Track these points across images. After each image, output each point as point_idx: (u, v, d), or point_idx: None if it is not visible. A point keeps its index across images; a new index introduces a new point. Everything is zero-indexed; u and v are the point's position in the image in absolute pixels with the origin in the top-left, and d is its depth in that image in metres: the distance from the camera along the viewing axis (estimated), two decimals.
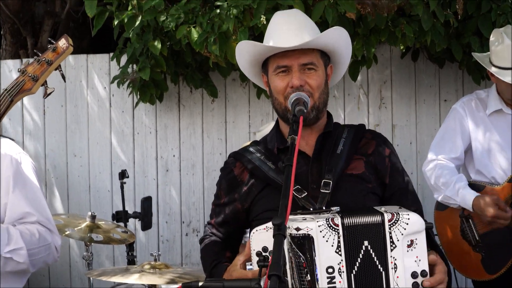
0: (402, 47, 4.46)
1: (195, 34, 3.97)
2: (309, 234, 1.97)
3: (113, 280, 3.22)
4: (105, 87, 5.46)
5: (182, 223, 5.42)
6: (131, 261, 4.50)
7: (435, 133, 5.03)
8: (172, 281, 3.14)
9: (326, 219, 1.98)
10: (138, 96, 4.90)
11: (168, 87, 5.04)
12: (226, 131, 5.36)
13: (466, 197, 3.50)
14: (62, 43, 2.16)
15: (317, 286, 1.99)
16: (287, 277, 2.03)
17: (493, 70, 3.53)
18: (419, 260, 1.97)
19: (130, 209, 5.19)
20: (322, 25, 3.74)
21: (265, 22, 3.69)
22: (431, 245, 2.12)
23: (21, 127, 5.52)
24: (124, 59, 4.87)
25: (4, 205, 2.46)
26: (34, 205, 2.54)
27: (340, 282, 1.97)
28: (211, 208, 2.58)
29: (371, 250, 1.98)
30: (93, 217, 3.97)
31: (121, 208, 4.60)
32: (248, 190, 2.41)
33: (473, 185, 3.65)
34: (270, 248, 2.01)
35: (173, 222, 5.42)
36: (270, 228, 2.01)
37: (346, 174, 2.31)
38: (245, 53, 2.41)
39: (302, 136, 2.32)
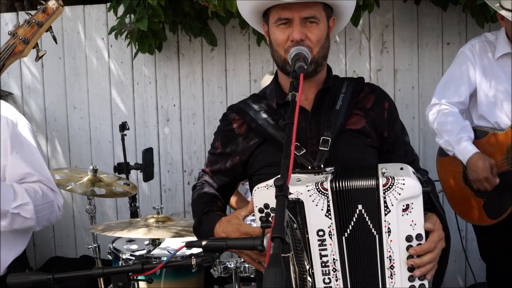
0: None
1: None
2: (299, 199, 1.96)
3: (117, 235, 3.23)
4: (103, 38, 5.39)
5: (184, 172, 5.43)
6: (134, 212, 4.53)
7: (437, 77, 5.02)
8: (177, 234, 3.15)
9: (316, 183, 1.96)
10: (137, 47, 4.83)
11: (166, 36, 4.97)
12: (227, 79, 5.31)
13: (466, 150, 3.50)
14: (52, 3, 2.10)
15: (309, 249, 2.00)
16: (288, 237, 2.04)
17: (503, 13, 3.45)
18: (415, 224, 1.95)
19: (131, 160, 5.20)
20: None
21: None
22: (433, 210, 2.09)
23: (20, 81, 5.47)
24: (121, 9, 4.78)
25: (3, 167, 2.45)
26: (34, 165, 2.53)
27: (331, 244, 1.97)
28: (207, 156, 2.57)
29: (365, 214, 1.96)
30: (94, 170, 3.97)
31: (122, 160, 4.59)
32: (246, 144, 2.40)
33: (475, 131, 3.64)
34: (272, 205, 2.03)
35: (174, 172, 5.43)
36: (271, 186, 2.04)
37: (346, 129, 2.29)
38: (246, 2, 2.35)
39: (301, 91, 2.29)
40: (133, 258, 3.69)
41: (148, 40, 4.73)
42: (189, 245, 2.12)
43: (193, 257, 2.07)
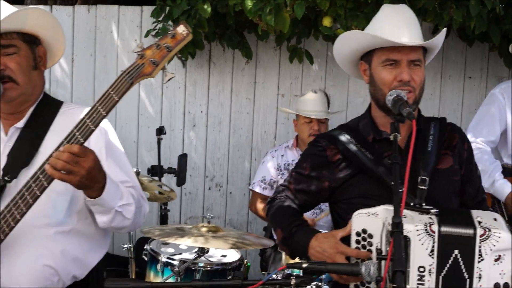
0: (440, 27, 4.57)
1: (249, 3, 4.04)
2: (406, 236, 2.14)
3: (171, 241, 3.35)
4: (136, 40, 5.49)
5: (205, 178, 5.57)
6: (164, 215, 4.65)
7: (457, 108, 5.28)
8: (235, 246, 3.29)
9: (425, 224, 2.15)
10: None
11: (204, 45, 5.11)
12: (255, 91, 5.48)
13: (503, 189, 3.76)
14: (181, 29, 2.21)
15: (408, 282, 2.18)
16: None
17: None
18: (504, 274, 2.14)
19: (152, 161, 5.33)
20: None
21: None
22: None
23: (49, 74, 5.53)
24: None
25: None
26: (127, 172, 2.63)
27: (429, 281, 2.16)
28: (290, 174, 2.72)
29: (460, 259, 2.14)
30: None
31: (146, 160, 4.70)
32: (339, 172, 2.56)
33: (505, 168, 3.89)
34: (369, 231, 2.23)
35: (196, 176, 5.57)
36: (372, 214, 2.23)
37: (437, 169, 2.48)
38: (352, 40, 2.53)
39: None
40: (172, 261, 3.82)
41: (187, 48, 4.86)
42: (291, 265, 2.29)
43: (292, 277, 2.23)
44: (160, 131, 4.70)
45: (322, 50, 5.41)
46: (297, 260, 3.19)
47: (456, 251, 2.16)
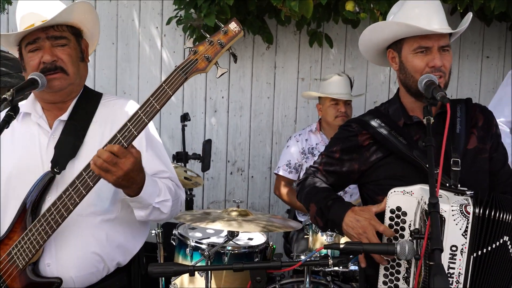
0: (460, 9, 4.61)
1: None
2: (441, 215, 2.22)
3: (205, 226, 3.44)
4: (157, 27, 5.55)
5: (227, 162, 5.65)
6: (190, 200, 4.74)
7: (475, 88, 5.32)
8: (265, 229, 3.38)
9: (460, 205, 2.23)
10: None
11: None
12: (275, 75, 5.54)
13: None
14: (233, 26, 2.28)
15: None
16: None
17: None
18: None
19: (177, 148, 5.41)
20: None
21: None
22: None
23: None
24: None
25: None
26: (165, 162, 2.71)
27: (460, 260, 2.24)
28: (321, 156, 2.82)
29: (509, 245, 2.26)
30: None
31: (167, 146, 4.74)
32: (368, 155, 2.65)
33: None
34: (403, 209, 2.35)
35: (218, 161, 5.66)
36: (407, 192, 2.34)
37: (466, 150, 2.56)
38: (385, 30, 2.59)
39: (419, 112, 2.58)
40: (201, 245, 3.91)
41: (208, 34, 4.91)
42: (327, 247, 2.37)
43: (329, 257, 2.31)
44: (185, 117, 4.77)
45: (341, 33, 5.46)
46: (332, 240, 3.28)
47: (506, 237, 2.26)
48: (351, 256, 2.35)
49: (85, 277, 2.50)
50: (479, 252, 2.25)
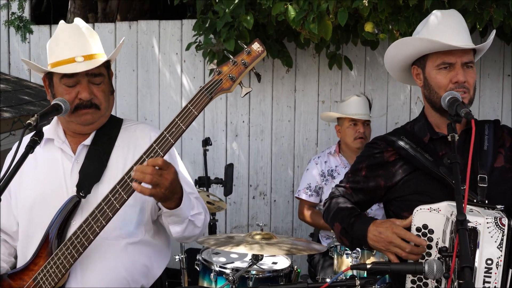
0: (479, 27, 4.60)
1: (292, 12, 4.10)
2: (475, 228, 2.19)
3: (229, 250, 3.42)
4: (176, 53, 5.60)
5: (249, 186, 5.65)
6: (213, 225, 4.72)
7: (497, 107, 5.28)
8: (289, 252, 3.35)
9: (495, 217, 2.19)
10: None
11: None
12: (295, 99, 5.54)
13: None
14: (256, 46, 2.30)
15: (474, 273, 2.22)
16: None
17: None
18: None
19: (198, 172, 5.42)
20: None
21: (366, 4, 3.83)
22: None
23: None
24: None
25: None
26: (189, 184, 2.72)
27: (495, 273, 2.21)
28: (347, 174, 2.82)
29: None
30: None
31: (189, 171, 4.73)
32: (394, 171, 2.64)
33: None
34: (430, 227, 2.32)
35: (240, 185, 5.65)
36: (434, 210, 2.31)
37: (494, 167, 2.53)
38: (409, 45, 2.60)
39: (444, 128, 2.56)
40: (225, 269, 3.88)
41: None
42: (354, 267, 2.34)
43: (357, 279, 2.28)
44: (206, 142, 4.78)
45: (360, 55, 5.47)
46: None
47: None
48: (378, 277, 2.32)
49: None
50: None
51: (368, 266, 2.25)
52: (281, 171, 5.64)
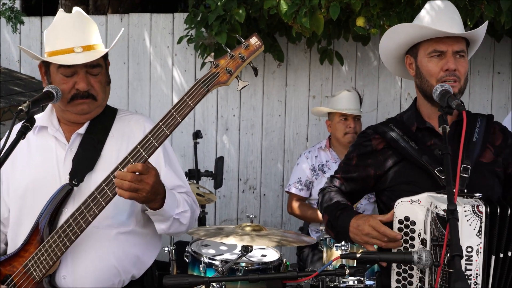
0: (470, 23, 4.63)
1: (284, 6, 4.12)
2: None
3: (219, 241, 3.43)
4: (168, 46, 5.60)
5: (239, 180, 5.66)
6: (202, 218, 4.74)
7: (487, 104, 5.31)
8: (279, 244, 3.37)
9: (472, 205, 2.22)
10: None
11: None
12: (286, 93, 5.56)
13: None
14: (254, 41, 2.30)
15: None
16: (426, 246, 2.28)
17: None
18: None
19: (187, 165, 5.42)
20: None
21: None
22: None
23: None
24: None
25: None
26: (181, 177, 2.73)
27: (476, 260, 2.22)
28: (340, 164, 2.85)
29: None
30: None
31: (181, 165, 4.73)
32: (383, 160, 2.66)
33: None
34: (412, 218, 2.34)
35: (230, 179, 5.66)
36: (414, 201, 2.33)
37: (479, 161, 2.56)
38: (400, 33, 2.61)
39: (435, 118, 2.57)
40: (214, 261, 3.89)
41: (221, 53, 4.95)
42: (344, 256, 2.36)
43: (346, 267, 2.29)
44: (197, 135, 4.79)
45: (351, 50, 5.49)
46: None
47: None
48: (367, 266, 2.33)
49: None
50: (501, 255, 2.23)
51: (358, 255, 2.27)
52: (271, 165, 5.65)
